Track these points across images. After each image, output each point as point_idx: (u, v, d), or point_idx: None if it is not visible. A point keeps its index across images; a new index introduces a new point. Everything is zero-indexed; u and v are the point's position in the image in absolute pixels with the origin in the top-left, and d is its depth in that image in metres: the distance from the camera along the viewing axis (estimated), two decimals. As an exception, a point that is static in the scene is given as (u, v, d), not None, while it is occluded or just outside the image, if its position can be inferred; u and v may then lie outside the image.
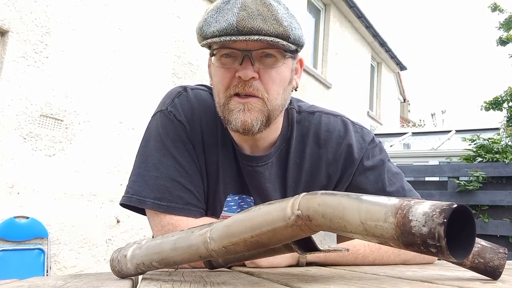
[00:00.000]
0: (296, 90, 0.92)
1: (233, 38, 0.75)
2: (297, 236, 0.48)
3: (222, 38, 0.76)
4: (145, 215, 0.90)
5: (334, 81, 7.99)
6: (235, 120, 0.81)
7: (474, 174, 3.67)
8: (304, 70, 6.93)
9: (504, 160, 3.76)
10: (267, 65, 0.81)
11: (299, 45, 0.83)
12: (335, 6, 8.15)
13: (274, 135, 0.92)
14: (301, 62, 0.92)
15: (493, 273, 0.58)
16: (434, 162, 6.61)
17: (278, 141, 0.93)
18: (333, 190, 0.94)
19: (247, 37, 0.75)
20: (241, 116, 0.80)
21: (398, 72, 11.74)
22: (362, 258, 0.85)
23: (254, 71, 0.79)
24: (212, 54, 0.84)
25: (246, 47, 0.78)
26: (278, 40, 0.76)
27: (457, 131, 8.03)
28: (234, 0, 0.79)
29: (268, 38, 0.75)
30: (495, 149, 3.96)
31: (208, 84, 0.98)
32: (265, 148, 0.92)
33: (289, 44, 0.79)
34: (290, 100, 0.96)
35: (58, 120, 3.54)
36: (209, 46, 0.83)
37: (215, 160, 0.91)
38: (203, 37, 0.79)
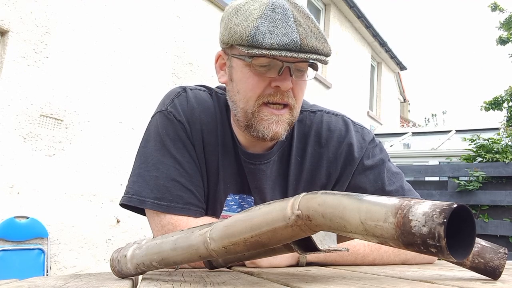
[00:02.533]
0: None
1: (295, 55, 0.76)
2: (297, 236, 0.48)
3: (283, 53, 0.75)
4: (145, 215, 0.90)
5: (334, 81, 7.99)
6: (267, 129, 0.83)
7: (474, 174, 3.67)
8: (304, 70, 6.93)
9: (504, 160, 3.76)
10: (299, 77, 0.84)
11: None
12: (335, 6, 8.15)
13: None
14: None
15: (493, 273, 0.58)
16: (434, 162, 6.61)
17: (280, 140, 0.93)
18: (332, 189, 0.94)
19: (308, 55, 0.76)
20: (274, 127, 0.83)
21: (398, 72, 11.74)
22: (362, 258, 0.85)
23: (292, 83, 0.82)
24: (244, 58, 0.81)
25: (288, 59, 0.79)
26: (326, 58, 0.80)
27: (457, 131, 8.03)
28: (281, 10, 0.78)
29: (322, 58, 0.79)
30: (495, 149, 3.96)
31: (208, 84, 0.98)
32: (267, 146, 0.92)
33: (327, 60, 0.81)
34: None
35: (58, 120, 3.54)
36: (251, 55, 0.80)
37: (215, 160, 0.91)
38: (256, 46, 0.76)
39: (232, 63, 0.85)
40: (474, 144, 4.17)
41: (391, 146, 7.89)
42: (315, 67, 0.84)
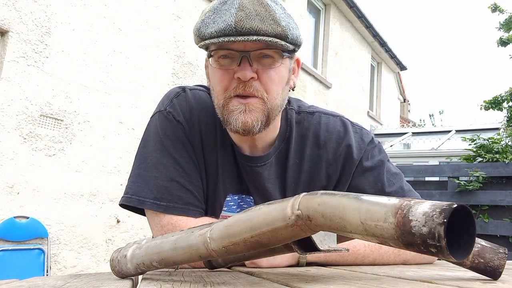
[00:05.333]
0: (293, 90, 0.92)
1: (232, 38, 0.75)
2: (297, 236, 0.48)
3: (221, 39, 0.75)
4: (145, 215, 0.90)
5: (334, 81, 7.99)
6: (235, 121, 0.81)
7: (474, 174, 3.67)
8: (304, 70, 6.94)
9: (504, 160, 3.76)
10: (266, 65, 0.81)
11: (297, 45, 0.83)
12: (335, 6, 8.15)
13: (272, 135, 0.92)
14: (298, 61, 0.92)
15: (493, 273, 0.58)
16: (434, 162, 6.61)
17: (277, 141, 0.93)
18: (332, 190, 0.94)
19: (246, 37, 0.74)
20: (242, 117, 0.80)
21: (398, 72, 11.74)
22: (362, 258, 0.85)
23: (253, 72, 0.79)
24: (209, 56, 0.83)
25: (244, 48, 0.78)
26: (277, 40, 0.76)
27: (457, 131, 8.03)
28: (231, 1, 0.78)
29: (267, 38, 0.75)
30: (495, 149, 3.96)
31: (207, 84, 0.98)
32: (263, 148, 0.92)
33: (287, 44, 0.79)
34: (289, 100, 0.96)
35: (58, 120, 3.54)
36: (206, 47, 0.83)
37: (214, 160, 0.91)
38: (201, 38, 0.79)
39: (207, 63, 0.88)
40: (474, 144, 4.17)
41: (391, 146, 7.89)
42: (280, 53, 0.81)
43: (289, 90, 0.90)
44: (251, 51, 0.78)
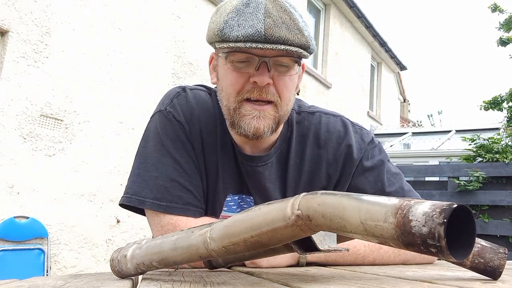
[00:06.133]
0: (298, 94, 0.93)
1: (260, 45, 0.75)
2: (297, 236, 0.48)
3: (248, 44, 0.75)
4: (145, 215, 0.90)
5: (334, 81, 7.99)
6: (247, 125, 0.81)
7: (474, 174, 3.67)
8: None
9: (504, 160, 3.76)
10: (282, 72, 0.82)
11: (311, 54, 0.84)
12: (335, 6, 8.15)
13: (274, 135, 0.92)
14: (303, 66, 0.92)
15: (493, 273, 0.58)
16: (434, 162, 6.61)
17: (278, 142, 0.93)
18: (333, 190, 0.94)
19: (274, 46, 0.75)
20: (255, 122, 0.81)
21: (398, 72, 11.74)
22: (362, 258, 0.85)
23: (270, 77, 0.80)
24: (225, 57, 0.82)
25: (264, 53, 0.78)
26: (301, 50, 0.78)
27: (457, 131, 8.03)
28: (255, 4, 0.78)
29: (293, 49, 0.76)
30: (495, 149, 3.97)
31: (207, 84, 0.97)
32: (265, 148, 0.92)
33: (308, 54, 0.80)
34: None
35: (58, 120, 3.54)
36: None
37: (215, 160, 0.91)
38: (224, 39, 0.78)
39: (218, 62, 0.87)
40: (474, 144, 4.17)
41: (391, 146, 7.90)
42: (298, 62, 0.82)
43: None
44: (270, 57, 0.79)
